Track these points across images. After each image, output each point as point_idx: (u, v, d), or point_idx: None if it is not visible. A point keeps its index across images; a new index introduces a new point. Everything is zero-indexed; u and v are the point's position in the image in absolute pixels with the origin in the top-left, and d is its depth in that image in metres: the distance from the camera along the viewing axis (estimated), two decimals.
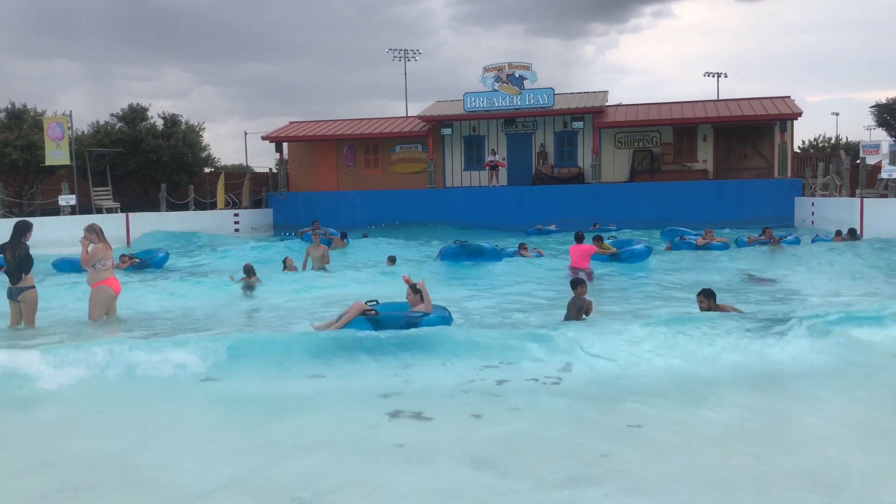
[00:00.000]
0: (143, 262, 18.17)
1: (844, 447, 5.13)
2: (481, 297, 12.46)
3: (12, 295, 9.42)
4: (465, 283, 13.87)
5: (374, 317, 8.52)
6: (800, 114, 29.12)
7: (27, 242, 9.39)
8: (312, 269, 15.92)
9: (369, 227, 28.41)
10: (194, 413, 6.20)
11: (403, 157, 34.04)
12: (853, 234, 17.97)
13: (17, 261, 9.25)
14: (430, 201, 30.99)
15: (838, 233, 18.52)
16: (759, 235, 18.42)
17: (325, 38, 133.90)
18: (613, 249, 15.08)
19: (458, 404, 6.20)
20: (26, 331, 9.31)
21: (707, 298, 8.96)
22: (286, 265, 15.72)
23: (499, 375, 6.99)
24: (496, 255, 15.12)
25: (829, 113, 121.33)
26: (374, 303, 8.93)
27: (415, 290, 8.98)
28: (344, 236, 21.72)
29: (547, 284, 13.51)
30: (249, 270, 13.60)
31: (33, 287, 9.45)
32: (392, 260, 16.39)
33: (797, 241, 17.92)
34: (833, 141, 54.07)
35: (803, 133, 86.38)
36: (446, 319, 8.79)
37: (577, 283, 9.52)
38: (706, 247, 17.17)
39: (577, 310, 9.34)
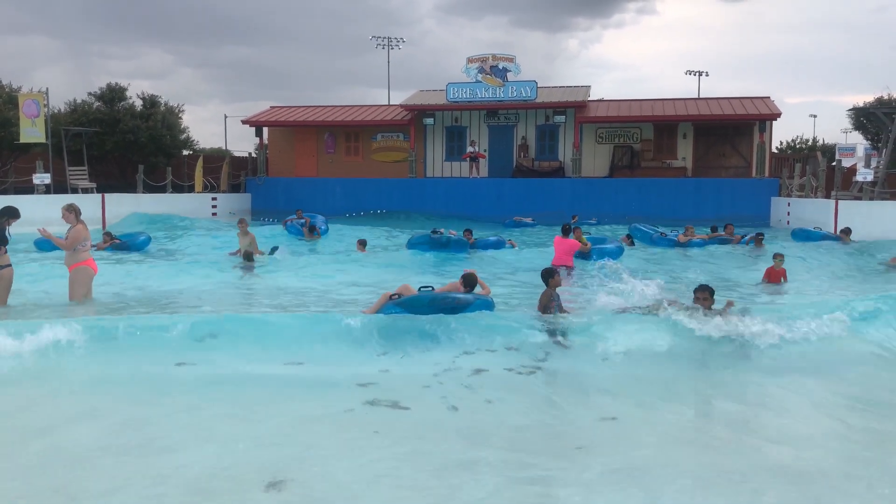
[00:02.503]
0: (124, 243, 17.98)
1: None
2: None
3: None
4: (436, 271, 13.78)
5: (402, 300, 8.39)
6: (779, 115, 29.40)
7: (7, 226, 9.42)
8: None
9: (348, 215, 28.32)
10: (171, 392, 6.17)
11: (385, 145, 33.92)
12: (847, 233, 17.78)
13: None
14: (411, 191, 30.93)
15: (846, 232, 17.91)
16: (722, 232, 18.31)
17: (308, 23, 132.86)
18: (589, 245, 14.73)
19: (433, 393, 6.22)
20: None
21: (711, 296, 8.18)
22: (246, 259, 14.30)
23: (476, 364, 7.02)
24: (462, 246, 15.13)
25: (807, 115, 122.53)
26: (430, 289, 8.74)
27: (468, 282, 8.76)
28: (313, 229, 21.20)
29: (524, 274, 13.53)
30: (249, 256, 13.37)
31: (9, 266, 9.50)
32: (362, 244, 16.15)
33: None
34: (810, 142, 54.68)
35: (781, 134, 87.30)
36: (489, 304, 8.59)
37: (549, 274, 8.71)
38: (687, 244, 17.09)
39: (549, 302, 8.56)
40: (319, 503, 4.12)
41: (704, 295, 8.13)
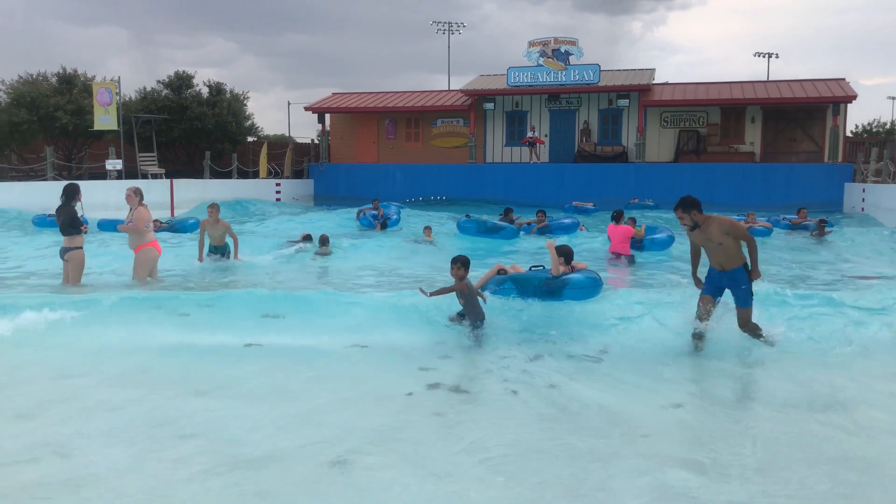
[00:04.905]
0: (173, 225, 18.48)
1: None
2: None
3: (61, 253, 9.81)
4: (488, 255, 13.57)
5: (514, 276, 8.08)
6: (854, 97, 28.27)
7: (77, 204, 9.73)
8: (209, 250, 12.18)
9: (408, 201, 28.38)
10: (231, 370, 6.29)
11: (444, 131, 33.90)
12: None
13: (63, 223, 9.62)
14: (471, 176, 30.88)
15: None
16: (797, 218, 17.80)
17: (369, 9, 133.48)
18: (642, 232, 14.26)
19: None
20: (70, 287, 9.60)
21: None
22: (322, 244, 13.88)
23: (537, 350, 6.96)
24: (513, 233, 14.99)
25: (885, 97, 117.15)
26: (540, 268, 8.47)
27: (566, 256, 8.19)
28: (384, 225, 20.79)
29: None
30: (324, 241, 13.69)
31: (79, 248, 9.79)
32: (429, 230, 15.87)
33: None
34: (888, 126, 52.41)
35: (857, 117, 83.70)
36: (595, 282, 8.15)
37: (451, 261, 7.57)
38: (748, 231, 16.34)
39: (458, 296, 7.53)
40: (380, 484, 4.13)
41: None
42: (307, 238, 14.33)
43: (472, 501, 3.94)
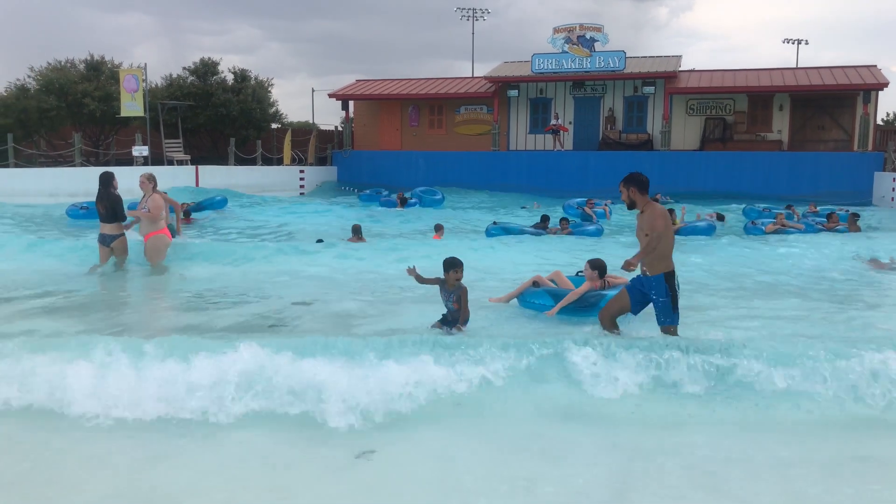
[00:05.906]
0: (200, 204, 18.54)
1: None
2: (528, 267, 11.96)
3: (105, 241, 9.96)
4: (513, 253, 13.36)
5: (551, 290, 7.78)
6: (886, 84, 27.76)
7: (116, 191, 9.92)
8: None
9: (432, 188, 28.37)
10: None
11: (468, 118, 33.80)
12: None
13: (109, 210, 9.80)
14: (494, 164, 30.78)
15: None
16: (828, 222, 16.88)
17: None
18: (678, 224, 14.19)
19: None
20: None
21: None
22: (355, 234, 14.09)
23: None
24: (535, 233, 15.11)
25: None
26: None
27: (600, 270, 7.82)
28: (405, 201, 21.21)
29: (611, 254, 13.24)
30: (357, 230, 13.96)
31: (123, 234, 10.01)
32: (439, 230, 15.90)
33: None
34: None
35: (888, 104, 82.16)
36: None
37: (449, 265, 6.87)
38: (777, 233, 15.70)
39: (448, 298, 6.93)
40: (406, 474, 4.18)
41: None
42: (320, 241, 14.49)
43: (500, 490, 3.97)
